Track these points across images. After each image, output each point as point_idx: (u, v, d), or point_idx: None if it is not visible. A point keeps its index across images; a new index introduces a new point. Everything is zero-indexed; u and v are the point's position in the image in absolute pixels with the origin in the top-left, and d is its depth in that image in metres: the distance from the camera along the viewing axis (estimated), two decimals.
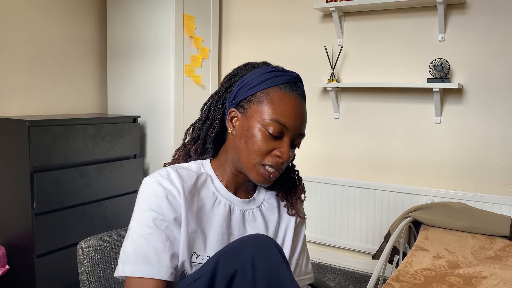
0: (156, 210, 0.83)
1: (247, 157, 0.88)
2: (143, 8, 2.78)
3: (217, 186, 0.94)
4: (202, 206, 0.90)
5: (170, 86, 2.72)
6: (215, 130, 0.95)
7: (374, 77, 2.72)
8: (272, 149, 0.88)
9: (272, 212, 0.99)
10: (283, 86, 0.88)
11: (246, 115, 0.89)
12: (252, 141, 0.87)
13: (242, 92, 0.90)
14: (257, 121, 0.87)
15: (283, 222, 1.01)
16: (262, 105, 0.87)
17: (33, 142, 2.07)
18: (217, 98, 0.95)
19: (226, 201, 0.93)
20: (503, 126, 2.40)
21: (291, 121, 0.87)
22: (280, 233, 1.00)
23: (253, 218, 0.96)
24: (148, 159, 2.85)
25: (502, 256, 1.74)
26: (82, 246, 0.97)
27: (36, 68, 2.59)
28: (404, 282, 1.44)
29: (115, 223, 2.53)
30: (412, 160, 2.64)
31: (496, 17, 2.37)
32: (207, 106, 0.97)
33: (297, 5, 2.93)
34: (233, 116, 0.92)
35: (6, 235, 2.21)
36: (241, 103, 0.90)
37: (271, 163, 0.88)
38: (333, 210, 2.81)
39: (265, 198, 1.00)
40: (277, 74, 0.90)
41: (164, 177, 0.86)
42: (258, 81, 0.89)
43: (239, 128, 0.90)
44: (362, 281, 2.64)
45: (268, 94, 0.88)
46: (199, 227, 0.88)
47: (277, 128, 0.86)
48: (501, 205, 2.34)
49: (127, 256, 0.81)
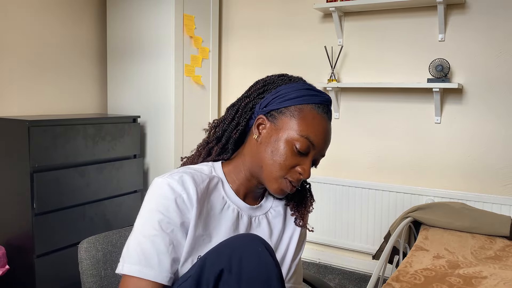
0: (163, 213, 0.83)
1: (270, 167, 0.89)
2: (143, 8, 2.78)
3: (227, 190, 0.93)
4: (211, 210, 0.89)
5: (170, 86, 2.72)
6: (239, 132, 0.94)
7: (374, 77, 2.72)
8: (295, 165, 0.89)
9: (278, 220, 0.99)
10: (316, 106, 0.89)
11: (276, 126, 0.89)
12: (277, 153, 0.88)
13: (276, 102, 0.90)
14: (287, 134, 0.88)
15: (288, 230, 1.01)
16: (294, 119, 0.88)
17: (33, 142, 2.07)
18: (247, 101, 0.94)
19: (235, 207, 0.93)
20: (503, 126, 2.40)
21: (319, 140, 0.88)
22: (284, 241, 1.00)
23: (259, 224, 0.96)
24: (148, 159, 2.85)
25: (502, 256, 1.74)
26: (84, 246, 0.97)
27: (36, 68, 2.59)
28: (404, 282, 1.44)
29: (115, 223, 2.53)
30: (412, 160, 2.64)
31: (496, 17, 2.37)
32: (235, 106, 0.96)
33: (297, 5, 2.93)
34: (260, 123, 0.91)
35: (6, 235, 2.21)
36: (272, 112, 0.90)
37: (291, 178, 0.89)
38: (333, 210, 2.81)
39: (272, 206, 1.00)
40: (313, 93, 0.90)
41: (175, 179, 0.85)
42: (294, 95, 0.89)
43: (265, 136, 0.90)
44: (362, 281, 2.64)
45: (302, 110, 0.88)
46: (207, 231, 0.87)
47: (305, 144, 0.87)
48: (501, 205, 2.34)
49: (129, 254, 0.81)
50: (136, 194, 2.68)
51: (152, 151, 2.83)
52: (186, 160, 1.01)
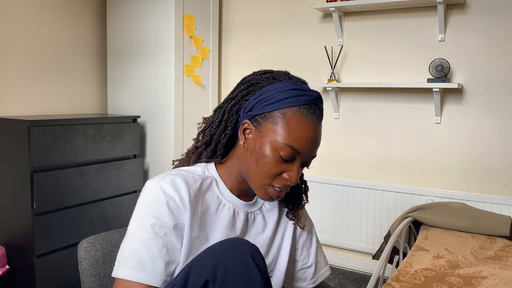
0: (156, 216, 0.82)
1: (255, 175, 0.87)
2: (143, 8, 2.78)
3: (222, 189, 0.93)
4: (206, 210, 0.89)
5: (170, 86, 2.72)
6: (227, 136, 0.92)
7: (374, 77, 2.72)
8: (282, 172, 0.86)
9: (273, 213, 0.99)
10: (302, 108, 0.84)
11: (260, 132, 0.86)
12: (262, 162, 0.85)
13: (259, 107, 0.86)
14: (270, 141, 0.84)
15: (282, 223, 1.01)
16: (277, 125, 0.84)
17: (33, 142, 2.07)
18: (233, 104, 0.91)
19: (230, 205, 0.92)
20: (503, 126, 2.39)
21: (304, 146, 0.84)
22: (278, 234, 1.00)
23: (254, 219, 0.96)
24: (148, 159, 2.85)
25: (502, 256, 1.74)
26: (83, 245, 0.98)
27: (36, 68, 2.59)
28: (404, 282, 1.44)
29: (115, 223, 2.53)
30: (412, 160, 2.64)
31: (496, 17, 2.37)
32: (222, 109, 0.93)
33: (297, 5, 2.93)
34: (246, 127, 0.89)
35: (6, 235, 2.21)
36: (256, 117, 0.87)
37: (278, 185, 0.87)
38: (333, 210, 2.81)
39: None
40: (298, 93, 0.85)
41: (167, 182, 0.84)
42: (277, 98, 0.85)
43: (251, 142, 0.88)
44: (362, 281, 2.64)
45: (286, 115, 0.84)
46: (203, 231, 0.87)
47: (290, 152, 0.84)
48: (501, 205, 2.34)
49: (123, 258, 0.82)
50: (136, 194, 2.68)
51: (152, 151, 2.83)
52: (178, 163, 1.00)
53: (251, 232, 0.95)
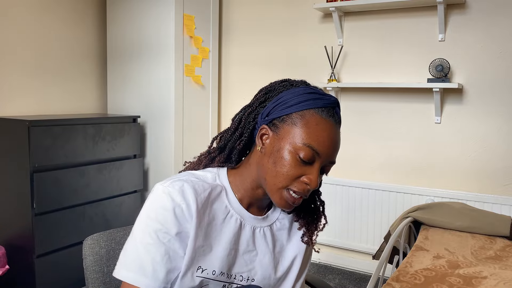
0: (161, 222, 0.82)
1: (273, 179, 0.85)
2: (143, 8, 2.78)
3: (231, 199, 0.91)
4: (213, 219, 0.87)
5: (170, 86, 2.72)
6: (243, 142, 0.91)
7: (374, 77, 2.72)
8: (301, 175, 0.84)
9: (282, 233, 0.96)
10: (320, 110, 0.83)
11: (278, 135, 0.85)
12: (281, 164, 0.84)
13: (277, 110, 0.85)
14: (289, 143, 0.83)
15: (291, 245, 0.98)
16: (296, 127, 0.83)
17: (33, 142, 2.07)
18: (250, 111, 0.90)
19: (238, 216, 0.90)
20: (503, 126, 2.40)
21: (324, 148, 0.83)
22: (287, 257, 0.97)
23: (263, 236, 0.93)
24: (148, 159, 2.85)
25: (502, 256, 1.74)
26: (88, 242, 1.00)
27: (36, 68, 2.59)
28: (404, 282, 1.44)
29: (115, 223, 2.53)
30: (412, 160, 2.64)
31: (496, 17, 2.37)
32: (238, 117, 0.92)
33: (297, 5, 2.93)
34: (264, 133, 0.87)
35: (6, 235, 2.21)
36: (274, 121, 0.86)
37: (297, 189, 0.84)
38: (333, 210, 2.81)
39: (279, 218, 0.97)
40: (316, 96, 0.85)
41: (176, 188, 0.83)
42: (295, 101, 0.84)
43: (269, 147, 0.86)
44: (362, 281, 2.64)
45: (304, 116, 0.83)
46: (207, 241, 0.86)
47: (309, 153, 0.82)
48: (501, 205, 2.34)
49: (126, 260, 0.82)
50: (136, 194, 2.68)
51: (152, 151, 2.83)
52: (189, 165, 0.99)
53: (259, 248, 0.92)
